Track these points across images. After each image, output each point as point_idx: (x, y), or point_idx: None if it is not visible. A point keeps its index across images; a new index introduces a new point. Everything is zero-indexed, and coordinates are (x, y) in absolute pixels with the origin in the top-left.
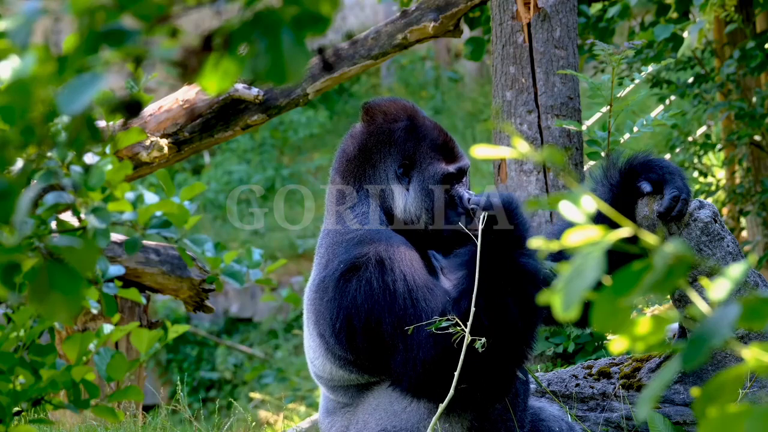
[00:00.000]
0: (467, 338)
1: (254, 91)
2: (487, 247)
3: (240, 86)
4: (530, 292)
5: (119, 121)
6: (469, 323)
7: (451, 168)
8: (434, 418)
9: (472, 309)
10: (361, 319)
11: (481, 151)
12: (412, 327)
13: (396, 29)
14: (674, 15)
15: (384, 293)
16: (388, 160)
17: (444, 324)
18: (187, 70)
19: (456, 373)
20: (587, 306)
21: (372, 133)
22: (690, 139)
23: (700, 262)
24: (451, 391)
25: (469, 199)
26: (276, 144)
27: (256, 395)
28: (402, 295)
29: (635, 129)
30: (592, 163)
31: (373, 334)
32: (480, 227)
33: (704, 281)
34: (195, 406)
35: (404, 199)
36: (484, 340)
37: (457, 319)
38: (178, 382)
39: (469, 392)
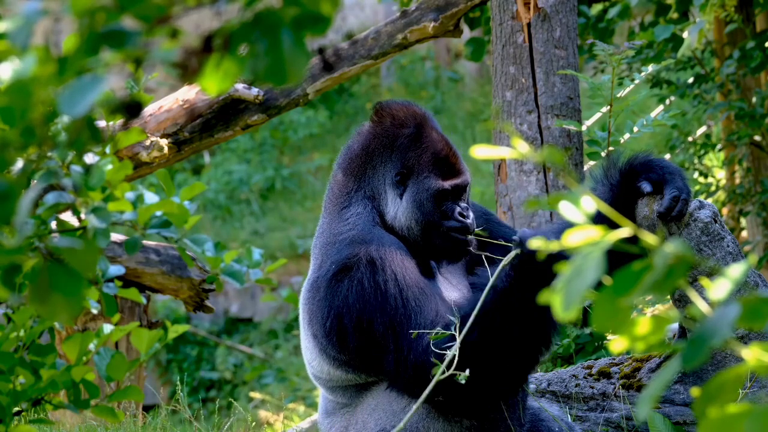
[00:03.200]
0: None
1: (254, 91)
2: (511, 282)
3: (240, 86)
4: (538, 319)
5: (119, 122)
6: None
7: (447, 185)
8: (411, 411)
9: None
10: (353, 319)
11: (481, 152)
12: (415, 332)
13: (396, 29)
14: (674, 15)
15: (375, 293)
16: (388, 165)
17: (440, 336)
18: (187, 70)
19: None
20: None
21: (377, 135)
22: (690, 139)
23: (700, 262)
24: (430, 386)
25: (461, 213)
26: (276, 144)
27: (256, 395)
28: (393, 295)
29: (635, 129)
30: (592, 163)
31: (364, 334)
32: (508, 260)
33: (704, 281)
34: (195, 406)
35: (396, 207)
36: (466, 373)
37: (456, 333)
38: (178, 382)
39: (461, 401)
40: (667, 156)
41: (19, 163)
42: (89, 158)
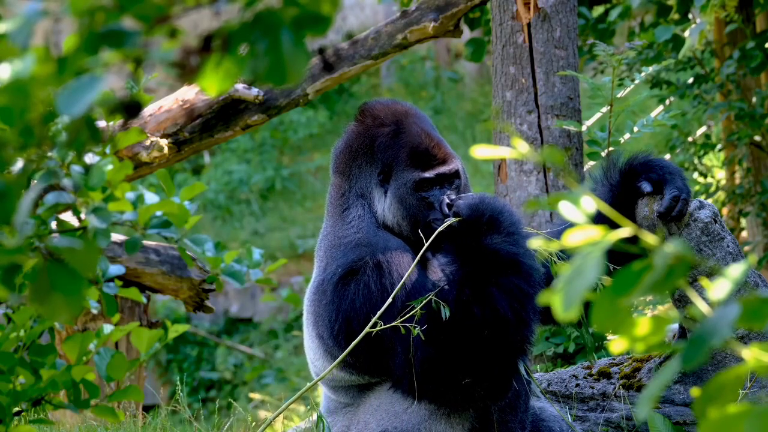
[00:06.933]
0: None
1: (254, 91)
2: (460, 240)
3: (240, 86)
4: (509, 274)
5: (119, 122)
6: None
7: (427, 174)
8: None
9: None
10: (361, 323)
11: (481, 152)
12: (412, 303)
13: (396, 29)
14: (675, 16)
15: (383, 296)
16: (371, 165)
17: (421, 305)
18: (185, 70)
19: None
20: (587, 306)
21: (359, 135)
22: (690, 139)
23: (700, 262)
24: None
25: (448, 204)
26: (276, 144)
27: (256, 395)
28: (400, 298)
29: (635, 129)
30: (592, 163)
31: (372, 337)
32: (447, 222)
33: (704, 281)
34: (195, 406)
35: (382, 206)
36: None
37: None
38: (178, 382)
39: (470, 388)
40: (667, 156)
41: (19, 163)
42: (89, 158)
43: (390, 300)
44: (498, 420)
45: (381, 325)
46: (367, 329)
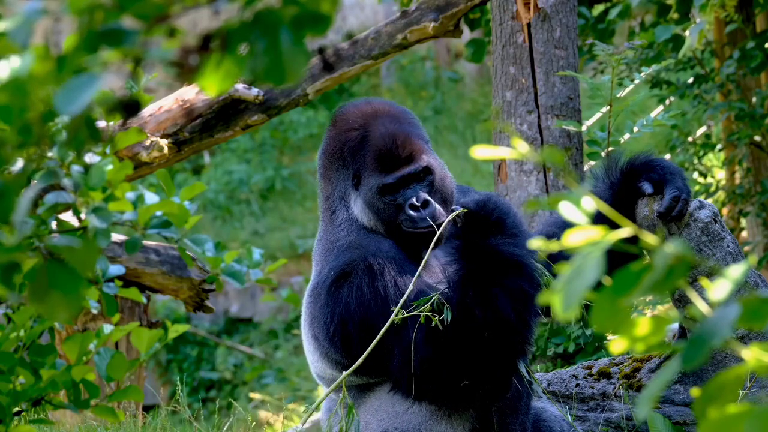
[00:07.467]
0: (447, 317)
1: (254, 91)
2: (464, 238)
3: (240, 86)
4: (513, 275)
5: (119, 121)
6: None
7: (390, 178)
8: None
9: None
10: (356, 325)
11: (481, 152)
12: (415, 303)
13: (396, 29)
14: (675, 16)
15: (376, 298)
16: (346, 171)
17: (423, 307)
18: (184, 70)
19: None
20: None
21: (333, 140)
22: (690, 139)
23: (700, 262)
24: None
25: (412, 206)
26: (276, 144)
27: (256, 395)
28: (394, 300)
29: (635, 129)
30: (592, 163)
31: (368, 339)
32: (445, 222)
33: (704, 281)
34: (195, 406)
35: (357, 209)
36: (450, 316)
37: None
38: (178, 382)
39: (469, 389)
40: (667, 156)
41: (19, 163)
42: (89, 158)
43: (400, 305)
44: (498, 422)
45: (378, 328)
46: (378, 338)
